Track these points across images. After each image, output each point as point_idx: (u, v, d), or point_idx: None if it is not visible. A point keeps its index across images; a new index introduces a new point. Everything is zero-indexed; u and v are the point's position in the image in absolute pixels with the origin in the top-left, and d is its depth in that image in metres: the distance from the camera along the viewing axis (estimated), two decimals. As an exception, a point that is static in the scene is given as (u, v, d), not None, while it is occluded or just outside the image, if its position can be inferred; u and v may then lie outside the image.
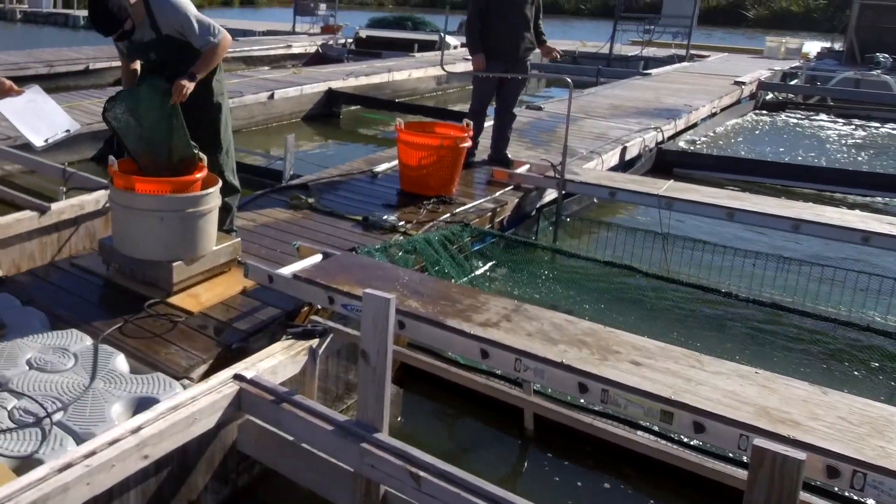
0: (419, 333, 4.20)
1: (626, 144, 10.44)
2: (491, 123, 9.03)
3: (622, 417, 4.38)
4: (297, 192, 7.43)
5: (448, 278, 5.74)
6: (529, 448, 4.65)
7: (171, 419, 3.45)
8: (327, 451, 3.58)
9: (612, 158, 9.94)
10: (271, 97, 13.99)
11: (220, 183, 5.12)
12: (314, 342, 4.31)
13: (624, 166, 10.26)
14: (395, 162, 8.05)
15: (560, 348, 3.80)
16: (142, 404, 3.75)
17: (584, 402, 4.33)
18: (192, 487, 3.78)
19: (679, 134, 12.99)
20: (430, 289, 4.59)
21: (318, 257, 5.08)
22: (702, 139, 14.01)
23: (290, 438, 3.74)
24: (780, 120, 17.19)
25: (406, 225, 6.55)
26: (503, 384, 4.76)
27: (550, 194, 8.02)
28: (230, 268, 5.30)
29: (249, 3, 60.30)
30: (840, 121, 17.11)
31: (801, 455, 2.69)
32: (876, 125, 16.62)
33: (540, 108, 13.30)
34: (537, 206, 8.11)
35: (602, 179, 7.98)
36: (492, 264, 6.64)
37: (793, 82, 21.20)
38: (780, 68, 22.15)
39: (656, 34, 24.48)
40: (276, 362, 4.07)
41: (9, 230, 5.66)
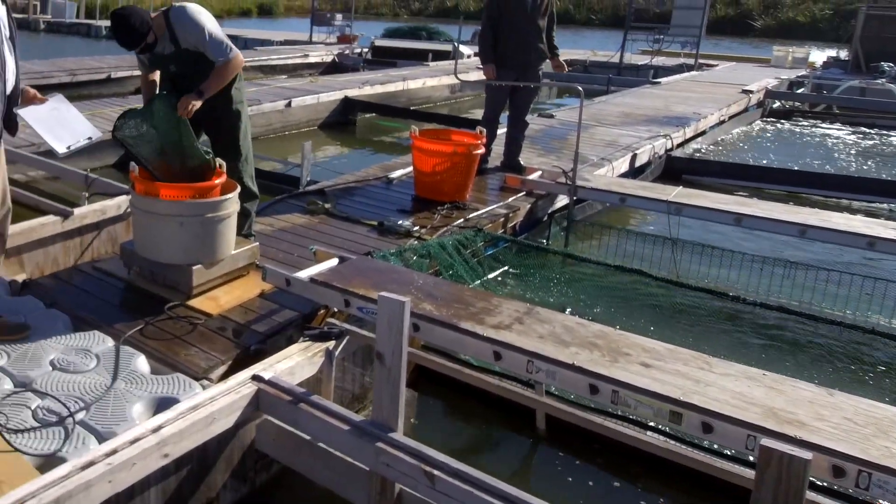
0: (433, 336, 4.20)
1: (636, 151, 10.41)
2: (504, 131, 9.04)
3: (632, 418, 4.38)
4: (314, 197, 7.45)
5: (461, 282, 5.73)
6: (541, 448, 4.65)
7: (191, 419, 3.46)
8: (343, 450, 3.59)
9: (623, 165, 9.92)
10: (289, 105, 13.99)
11: (239, 188, 5.14)
12: (331, 344, 4.31)
13: (634, 173, 10.24)
14: (410, 168, 8.07)
15: (571, 350, 3.80)
16: (162, 404, 3.77)
17: (594, 403, 4.31)
18: (212, 485, 3.79)
19: (688, 141, 12.94)
20: (444, 292, 4.59)
21: (334, 261, 5.08)
22: (710, 146, 13.95)
23: (307, 438, 3.74)
24: (786, 128, 17.12)
25: (420, 230, 6.55)
26: (515, 385, 4.75)
27: (562, 200, 8.02)
28: (248, 271, 5.32)
29: (268, 14, 60.43)
30: (845, 128, 17.03)
31: (807, 455, 2.68)
32: (881, 132, 16.55)
33: (552, 116, 13.28)
34: (549, 211, 8.10)
35: (612, 186, 7.97)
36: (504, 268, 6.64)
37: (799, 91, 21.15)
38: (787, 77, 22.05)
39: (665, 44, 24.40)
40: (293, 363, 4.08)
41: (33, 234, 5.71)
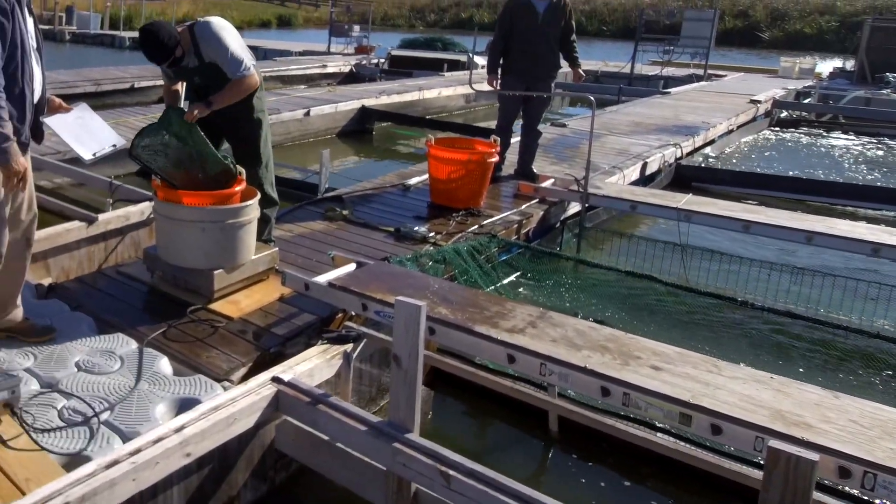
0: (449, 339, 4.20)
1: (647, 160, 10.40)
2: (517, 140, 9.05)
3: (642, 420, 4.37)
4: (332, 204, 7.46)
5: (476, 287, 5.73)
6: (553, 448, 4.64)
7: (213, 419, 3.47)
8: (361, 450, 3.59)
9: (633, 173, 9.91)
10: (307, 114, 14.02)
11: (259, 195, 5.16)
12: (348, 347, 4.33)
13: (644, 181, 10.24)
14: (426, 176, 8.07)
15: (583, 354, 3.80)
16: (184, 405, 3.79)
17: (606, 405, 4.31)
18: (233, 484, 3.80)
19: (697, 150, 12.90)
20: (459, 297, 4.59)
21: (352, 266, 5.09)
22: (719, 155, 13.92)
23: (326, 438, 3.75)
24: (793, 137, 17.06)
25: (436, 236, 6.56)
26: (528, 387, 4.75)
27: (574, 207, 8.01)
28: (268, 276, 5.33)
29: (287, 25, 60.53)
30: (851, 138, 16.96)
31: (814, 456, 2.68)
32: (886, 141, 16.47)
33: (564, 126, 13.26)
34: (561, 218, 8.10)
35: (623, 193, 7.96)
36: (518, 274, 6.63)
37: (806, 101, 21.07)
38: (794, 87, 21.96)
39: (675, 55, 24.37)
40: (312, 366, 4.09)
41: (58, 239, 5.73)
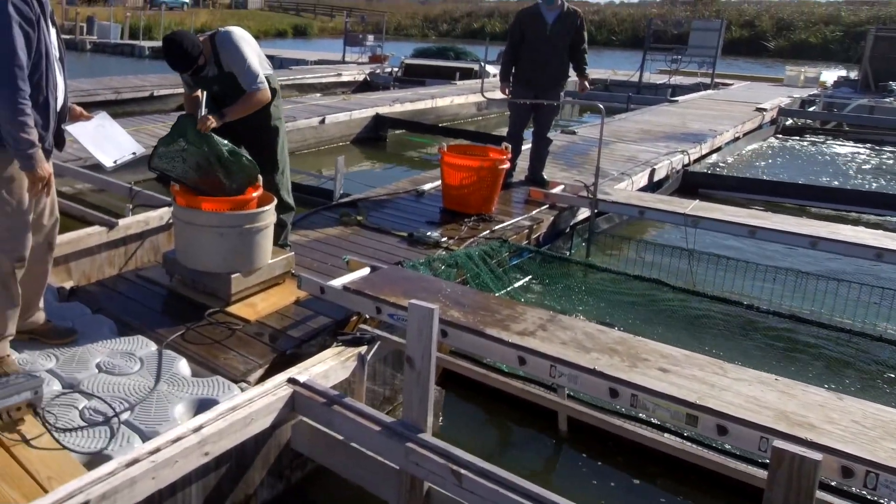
0: (461, 341, 4.21)
1: (655, 167, 10.39)
2: (528, 147, 9.05)
3: (650, 421, 4.37)
4: (347, 209, 7.48)
5: (488, 290, 5.74)
6: (563, 448, 4.64)
7: (230, 419, 3.49)
8: (375, 449, 3.60)
9: (642, 179, 9.91)
10: (323, 122, 14.05)
11: (276, 201, 5.17)
12: (363, 349, 4.33)
13: (652, 187, 10.23)
14: (438, 182, 8.08)
15: (592, 356, 3.80)
16: (202, 405, 3.81)
17: (614, 406, 4.31)
18: (249, 483, 3.81)
19: (704, 157, 12.90)
20: (471, 300, 4.60)
21: (366, 270, 5.11)
22: (726, 162, 13.89)
23: (340, 438, 3.75)
24: (798, 144, 17.02)
25: (448, 240, 6.57)
26: (539, 389, 4.75)
27: (583, 213, 8.02)
28: (284, 279, 5.34)
29: (302, 35, 60.69)
30: (855, 145, 16.91)
31: (817, 456, 2.67)
32: (889, 149, 16.41)
33: (574, 133, 13.26)
34: (571, 223, 8.09)
35: (632, 199, 7.97)
36: (528, 278, 6.63)
37: (811, 109, 20.96)
38: (799, 96, 21.86)
39: (683, 64, 24.33)
40: (327, 367, 4.11)
41: (80, 244, 5.75)
